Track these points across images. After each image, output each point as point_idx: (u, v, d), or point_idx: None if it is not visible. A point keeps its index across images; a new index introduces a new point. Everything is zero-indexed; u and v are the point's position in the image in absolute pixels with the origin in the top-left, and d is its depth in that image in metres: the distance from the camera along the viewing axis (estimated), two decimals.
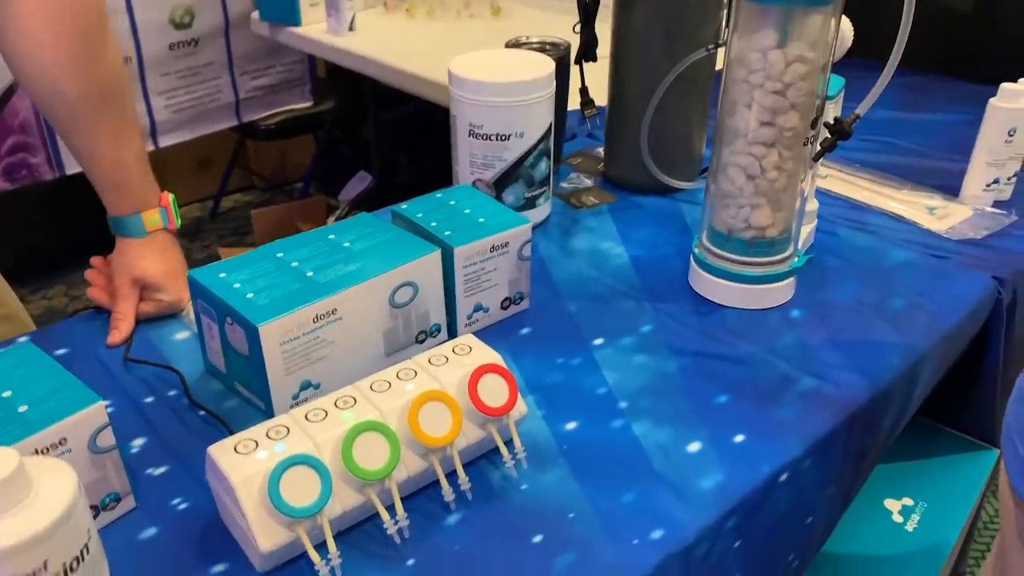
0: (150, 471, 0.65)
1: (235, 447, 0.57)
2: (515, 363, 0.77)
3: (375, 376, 0.65)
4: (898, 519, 0.97)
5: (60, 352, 0.78)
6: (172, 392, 0.73)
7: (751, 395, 0.74)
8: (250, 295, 0.68)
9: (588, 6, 1.03)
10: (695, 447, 0.68)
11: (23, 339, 0.78)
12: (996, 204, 1.06)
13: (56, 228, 2.50)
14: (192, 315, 0.75)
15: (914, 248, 0.97)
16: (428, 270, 0.75)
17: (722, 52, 0.83)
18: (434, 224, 0.80)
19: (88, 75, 0.74)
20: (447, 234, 0.78)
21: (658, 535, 0.60)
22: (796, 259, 0.86)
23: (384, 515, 0.58)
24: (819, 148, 0.81)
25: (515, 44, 1.07)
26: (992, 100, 1.02)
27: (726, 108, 0.81)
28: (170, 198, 0.84)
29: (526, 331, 0.83)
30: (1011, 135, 1.02)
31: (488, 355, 0.67)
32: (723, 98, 0.82)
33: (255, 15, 2.02)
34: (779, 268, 0.85)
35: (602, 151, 1.15)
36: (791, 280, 0.86)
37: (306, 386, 0.70)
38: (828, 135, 0.80)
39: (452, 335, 0.81)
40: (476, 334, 0.79)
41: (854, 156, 1.17)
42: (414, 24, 1.91)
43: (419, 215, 0.81)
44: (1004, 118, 1.01)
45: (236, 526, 0.58)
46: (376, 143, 2.30)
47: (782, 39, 0.75)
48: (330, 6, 1.79)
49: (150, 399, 0.72)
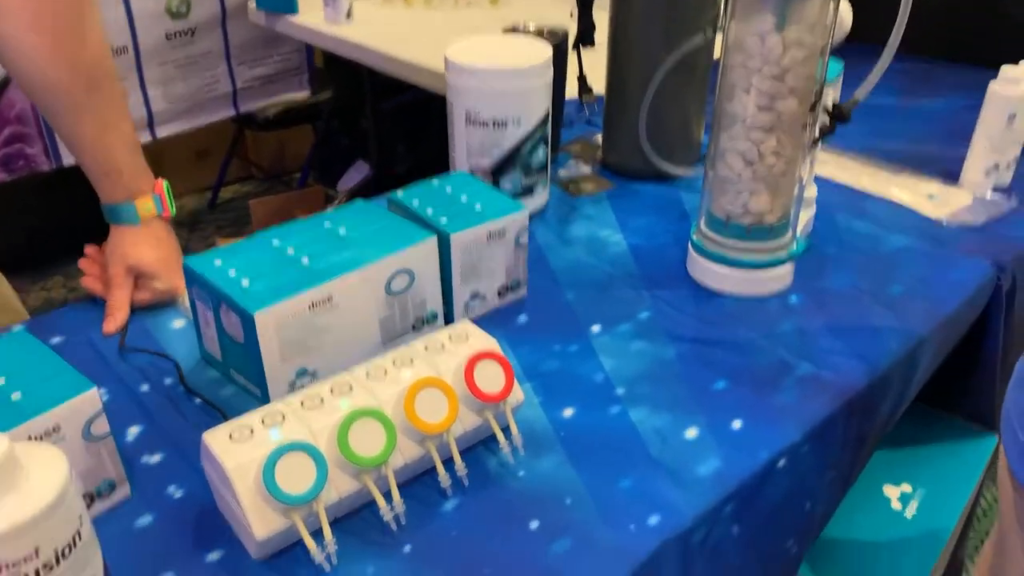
0: (145, 459, 0.65)
1: (230, 434, 0.57)
2: (512, 350, 0.77)
3: (371, 363, 0.64)
4: (897, 505, 0.97)
5: (55, 340, 0.77)
6: (168, 380, 0.73)
7: (749, 381, 0.73)
8: (245, 282, 0.68)
9: None
10: (692, 433, 0.68)
11: (18, 327, 0.78)
12: (996, 190, 1.06)
13: (54, 219, 2.49)
14: (188, 303, 0.75)
15: (913, 234, 0.96)
16: (424, 257, 0.75)
17: (720, 37, 0.82)
18: (430, 211, 0.79)
19: (70, 63, 0.74)
20: (443, 221, 0.78)
21: (655, 521, 0.60)
22: (794, 245, 0.86)
23: (380, 502, 0.58)
24: (818, 133, 0.80)
25: (512, 30, 1.06)
26: (992, 84, 1.01)
27: (724, 93, 0.81)
28: (164, 185, 0.83)
29: (523, 318, 0.82)
30: (1011, 120, 1.01)
31: (485, 342, 0.67)
32: (721, 83, 0.81)
33: (252, 4, 2.01)
34: (777, 254, 0.85)
35: (600, 138, 1.14)
36: (789, 266, 0.86)
37: (302, 373, 0.70)
38: (827, 120, 0.79)
39: (449, 322, 0.80)
40: (473, 321, 0.79)
41: (853, 142, 1.16)
42: (412, 12, 1.90)
43: (415, 202, 0.81)
44: (1004, 103, 1.01)
45: (231, 513, 0.57)
46: (374, 133, 2.29)
47: (780, 23, 0.75)
48: None
49: (145, 387, 0.72)
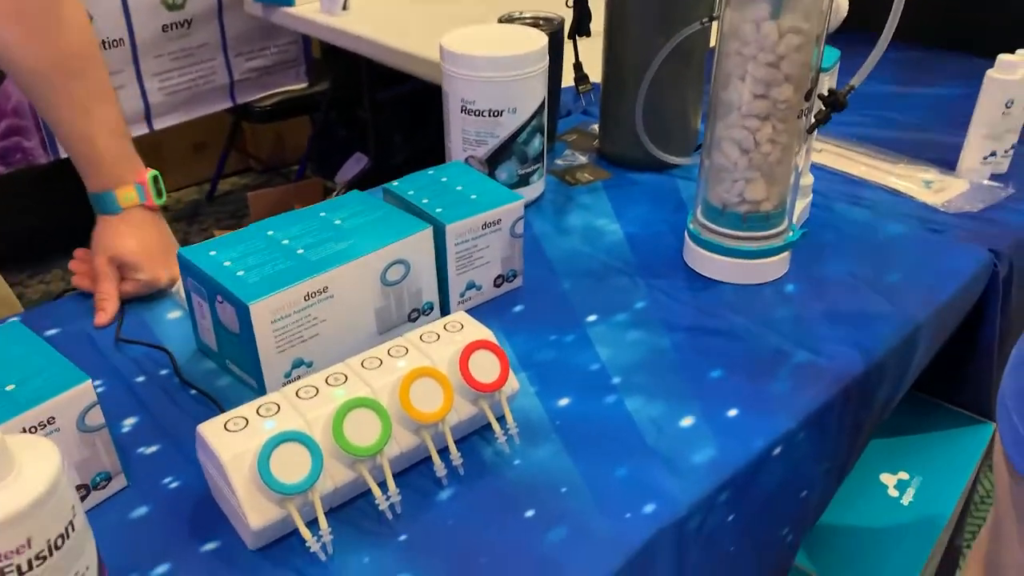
0: (141, 450, 0.65)
1: (225, 425, 0.57)
2: (508, 340, 0.77)
3: (366, 353, 0.64)
4: (894, 493, 0.97)
5: (50, 332, 0.77)
6: (163, 371, 0.73)
7: (745, 369, 0.73)
8: (241, 273, 0.68)
9: None
10: (688, 422, 0.68)
11: (13, 319, 0.78)
12: (993, 177, 1.05)
13: (52, 213, 2.49)
14: (183, 294, 0.75)
15: (910, 222, 0.96)
16: (420, 248, 0.75)
17: (716, 25, 0.82)
18: (426, 201, 0.79)
19: (47, 51, 0.75)
20: (439, 211, 0.77)
21: (650, 509, 0.60)
22: (791, 233, 0.86)
23: (376, 491, 0.58)
24: (813, 120, 0.80)
25: (508, 19, 1.06)
26: (989, 72, 1.01)
27: (720, 81, 0.81)
28: (149, 175, 0.82)
29: (519, 308, 0.82)
30: (1008, 107, 1.01)
31: (480, 332, 0.66)
32: (716, 71, 0.81)
33: None
34: (774, 243, 0.84)
35: (597, 127, 1.14)
36: (786, 255, 0.86)
37: (298, 364, 0.70)
38: (822, 107, 0.79)
39: (445, 313, 0.80)
40: (469, 312, 0.79)
41: (850, 131, 1.16)
42: (408, 2, 1.89)
43: (410, 192, 0.81)
44: (1001, 90, 1.00)
45: (227, 504, 0.58)
46: (372, 123, 2.29)
47: (775, 10, 0.74)
48: None
49: (141, 378, 0.72)
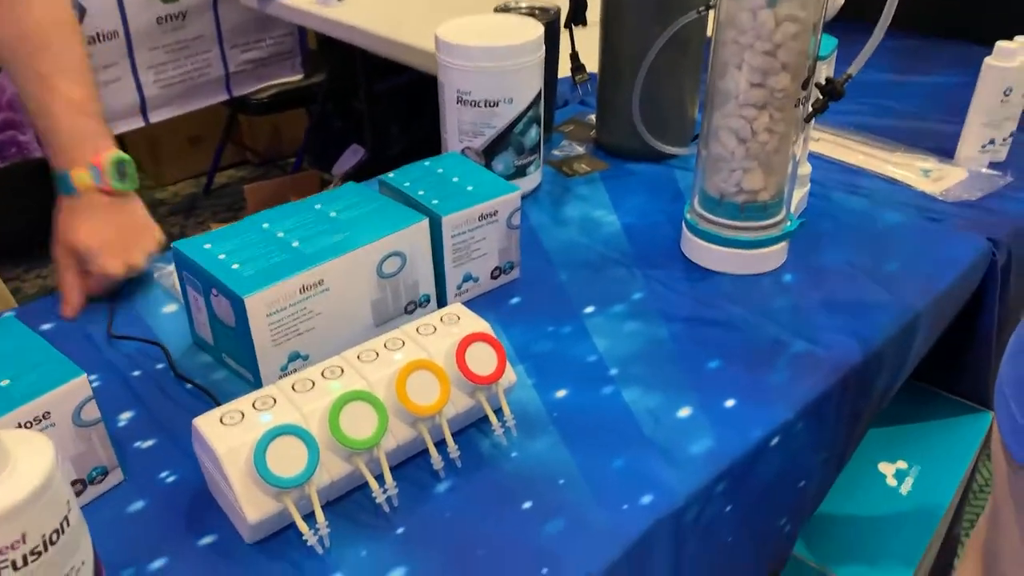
0: (138, 444, 0.65)
1: (221, 418, 0.57)
2: (505, 332, 0.77)
3: (363, 346, 0.64)
4: (892, 482, 0.97)
5: (46, 327, 0.77)
6: (159, 365, 0.73)
7: (743, 360, 0.73)
8: (236, 266, 0.68)
9: None
10: (686, 412, 0.67)
11: (7, 314, 0.78)
12: (991, 165, 1.05)
13: (48, 207, 2.48)
14: (178, 286, 0.74)
15: (908, 211, 0.96)
16: (416, 240, 0.75)
17: (713, 14, 0.81)
18: (421, 193, 0.79)
19: (12, 22, 0.74)
20: (435, 203, 0.77)
21: (648, 500, 0.60)
22: (788, 223, 0.85)
23: (373, 484, 0.57)
24: (810, 109, 0.79)
25: (504, 9, 1.05)
26: (987, 59, 1.00)
27: (716, 70, 0.80)
28: (110, 156, 0.77)
29: (516, 300, 0.82)
30: (1007, 94, 1.00)
31: (476, 324, 0.66)
32: (713, 60, 0.80)
33: None
34: (771, 232, 0.84)
35: (594, 118, 1.13)
36: (783, 244, 0.86)
37: (294, 357, 0.70)
38: (820, 96, 0.79)
39: (442, 305, 0.80)
40: (466, 304, 0.78)
41: (847, 119, 1.16)
42: None
43: (406, 184, 0.80)
44: (999, 77, 1.00)
45: (224, 498, 0.57)
46: (369, 115, 2.28)
47: None
48: None
49: (137, 373, 0.72)
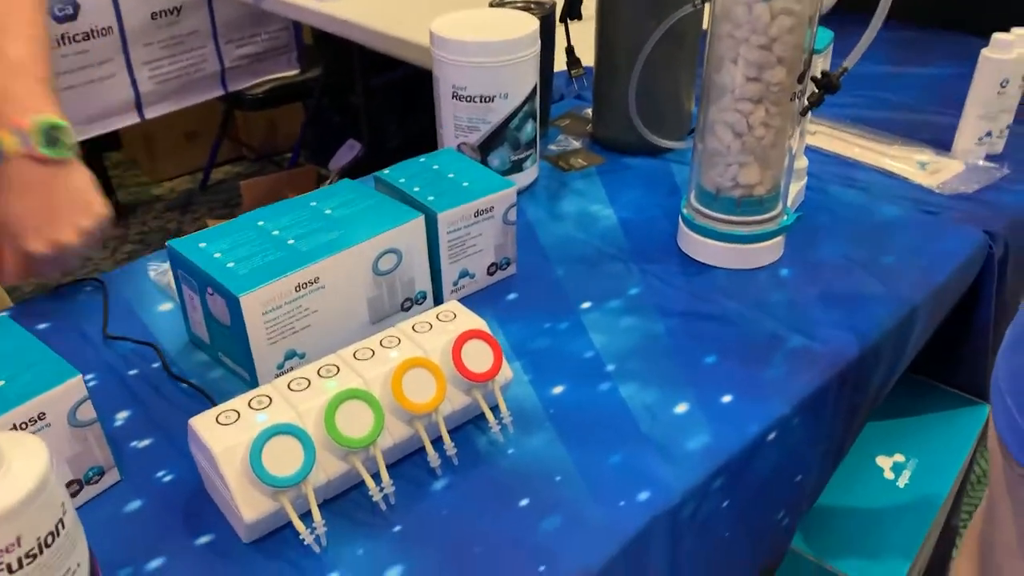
0: (134, 444, 0.65)
1: (217, 418, 0.57)
2: (502, 328, 0.77)
3: (358, 344, 0.64)
4: (890, 475, 0.97)
5: (41, 326, 0.77)
6: (155, 364, 0.72)
7: (739, 355, 0.73)
8: (231, 265, 0.68)
9: None
10: (682, 408, 0.67)
11: (2, 314, 0.78)
12: (988, 157, 1.05)
13: None
14: (173, 284, 0.74)
15: (905, 204, 0.96)
16: (412, 237, 0.74)
17: (709, 7, 0.81)
18: (417, 189, 0.78)
19: None
20: (430, 199, 0.77)
21: (645, 496, 0.60)
22: (785, 217, 0.85)
23: (369, 482, 0.57)
24: (807, 103, 0.79)
25: (498, 3, 1.05)
26: (984, 51, 1.00)
27: (712, 64, 0.80)
28: (37, 120, 0.69)
29: (513, 296, 0.82)
30: (1003, 86, 1.00)
31: (472, 321, 0.66)
32: (709, 54, 0.80)
33: None
34: (768, 227, 0.84)
35: (590, 112, 1.13)
36: (780, 239, 0.86)
37: (291, 355, 0.70)
38: (815, 90, 0.78)
39: (438, 302, 0.80)
40: (463, 300, 0.78)
41: (844, 112, 1.15)
42: None
43: (402, 180, 0.80)
44: (996, 69, 1.00)
45: (220, 497, 0.57)
46: (365, 110, 2.27)
47: None
48: None
49: (133, 372, 0.72)
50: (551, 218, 0.94)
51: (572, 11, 1.05)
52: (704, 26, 0.89)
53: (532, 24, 0.91)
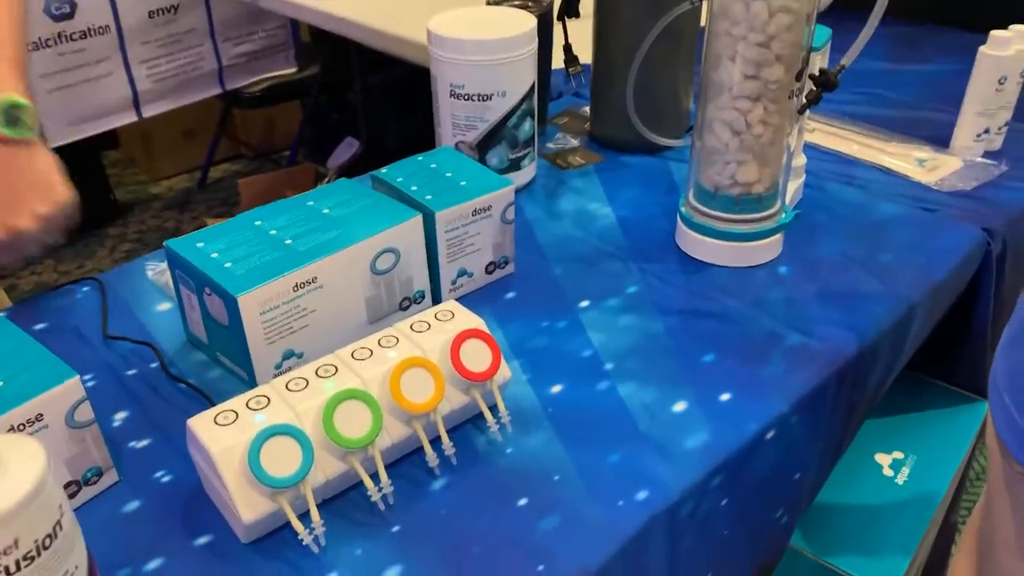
0: (133, 444, 0.65)
1: (215, 418, 0.57)
2: (500, 327, 0.77)
3: (357, 344, 0.64)
4: (888, 472, 0.97)
5: (39, 327, 0.77)
6: (153, 364, 0.72)
7: (738, 353, 0.73)
8: (228, 265, 0.67)
9: None
10: (681, 407, 0.67)
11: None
12: (986, 154, 1.05)
13: None
14: (171, 282, 0.74)
15: (903, 201, 0.96)
16: (410, 236, 0.74)
17: (706, 5, 0.81)
18: (415, 188, 0.78)
19: None
20: (428, 198, 0.77)
21: (643, 496, 0.60)
22: (783, 215, 0.85)
23: (368, 483, 0.57)
24: (804, 101, 0.79)
25: (496, 1, 1.04)
26: (982, 48, 1.00)
27: (710, 62, 0.80)
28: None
29: (511, 295, 0.82)
30: (1001, 83, 1.00)
31: (470, 320, 0.66)
32: (707, 51, 0.80)
33: None
34: (766, 225, 0.84)
35: (588, 110, 1.13)
36: (778, 237, 0.86)
37: (289, 355, 0.70)
38: (813, 87, 0.78)
39: (436, 301, 0.80)
40: (461, 299, 0.78)
41: (843, 109, 1.15)
42: None
43: (399, 179, 0.80)
44: (994, 66, 1.00)
45: (219, 498, 0.57)
46: (363, 107, 2.27)
47: None
48: None
49: (132, 372, 0.72)
50: (549, 217, 0.94)
51: (570, 9, 1.05)
52: (702, 23, 0.89)
53: (530, 22, 0.91)
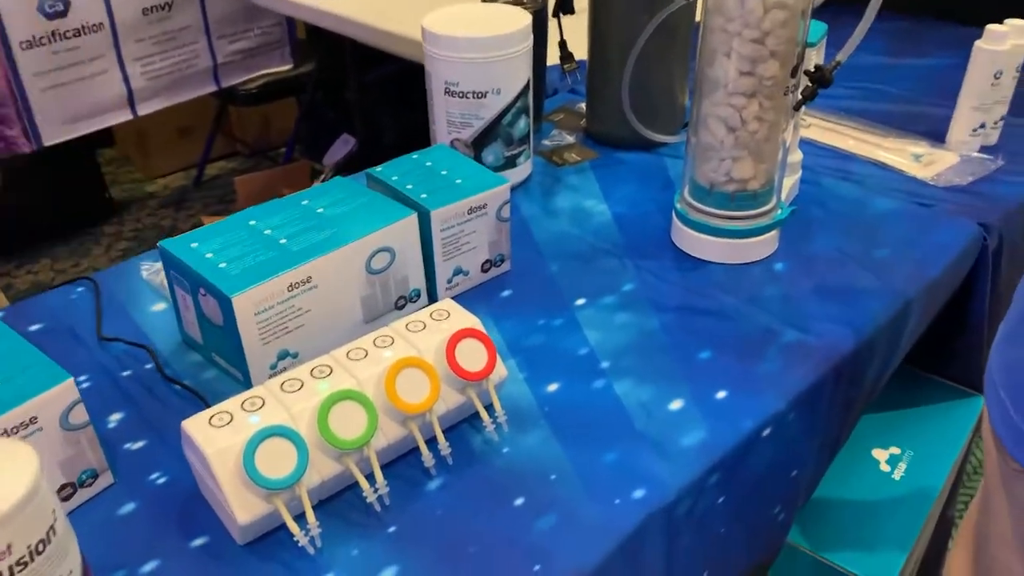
0: (128, 446, 0.64)
1: (210, 420, 0.56)
2: (497, 326, 0.76)
3: (352, 344, 0.64)
4: (885, 468, 0.97)
5: (34, 328, 0.77)
6: (149, 365, 0.72)
7: (734, 350, 0.73)
8: (223, 265, 0.67)
9: None
10: (677, 405, 0.67)
11: None
12: (982, 149, 1.05)
13: (39, 201, 2.47)
14: (165, 283, 0.74)
15: (899, 196, 0.95)
16: (405, 235, 0.74)
17: (701, 0, 0.80)
18: (410, 187, 0.78)
19: None
20: (423, 197, 0.77)
21: (640, 494, 0.60)
22: (779, 211, 0.85)
23: (363, 483, 0.57)
24: (800, 97, 0.79)
25: None
26: (977, 43, 1.00)
27: (705, 58, 0.80)
28: None
29: (507, 293, 0.82)
30: (997, 78, 1.00)
31: (466, 320, 0.66)
32: (702, 47, 0.80)
33: None
34: (762, 221, 0.84)
35: (584, 106, 1.13)
36: (774, 233, 0.85)
37: (284, 355, 0.69)
38: (809, 84, 0.78)
39: (432, 300, 0.80)
40: (457, 298, 0.78)
41: (839, 104, 1.15)
42: None
43: (394, 178, 0.80)
44: (989, 60, 0.99)
45: (214, 499, 0.57)
46: (359, 105, 2.26)
47: None
48: None
49: (127, 373, 0.71)
50: (545, 214, 0.94)
51: (565, 5, 1.04)
52: (697, 18, 0.88)
53: (524, 19, 0.91)
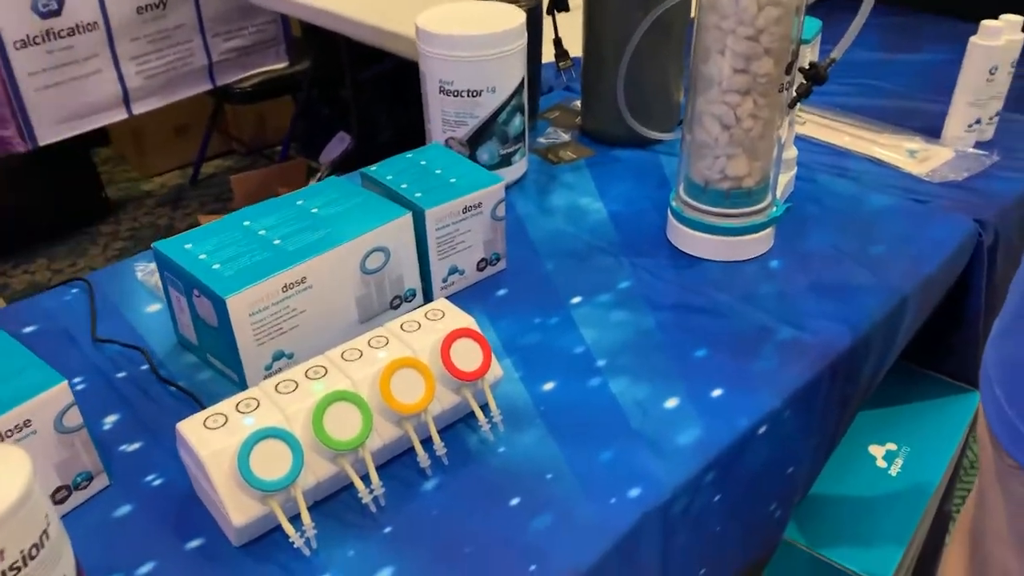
0: (123, 448, 0.64)
1: (204, 422, 0.56)
2: (492, 325, 0.76)
3: (346, 345, 0.64)
4: (882, 464, 0.97)
5: (29, 329, 0.76)
6: (144, 367, 0.72)
7: (730, 348, 0.73)
8: (217, 266, 0.67)
9: None
10: (673, 403, 0.67)
11: None
12: (978, 145, 1.05)
13: (34, 201, 2.46)
14: (160, 283, 0.74)
15: (895, 193, 0.95)
16: (399, 234, 0.74)
17: None
18: (404, 186, 0.78)
19: None
20: (418, 196, 0.76)
21: (636, 493, 0.60)
22: (774, 209, 0.85)
23: (359, 485, 0.57)
24: (795, 94, 0.79)
25: None
26: (972, 38, 1.00)
27: (699, 56, 0.79)
28: None
29: (503, 292, 0.81)
30: (992, 73, 1.00)
31: (461, 319, 0.66)
32: (696, 45, 0.80)
33: None
34: (757, 219, 0.84)
35: (579, 104, 1.12)
36: (770, 230, 0.85)
37: (279, 356, 0.69)
38: (803, 81, 0.78)
39: (428, 299, 0.79)
40: (452, 297, 0.78)
41: (835, 100, 1.15)
42: None
43: (389, 177, 0.80)
44: (985, 56, 0.99)
45: (210, 501, 0.57)
46: (354, 102, 2.26)
47: None
48: None
49: (122, 374, 0.71)
50: (541, 212, 0.94)
51: (559, 3, 1.04)
52: (692, 15, 0.88)
53: (519, 17, 0.90)
